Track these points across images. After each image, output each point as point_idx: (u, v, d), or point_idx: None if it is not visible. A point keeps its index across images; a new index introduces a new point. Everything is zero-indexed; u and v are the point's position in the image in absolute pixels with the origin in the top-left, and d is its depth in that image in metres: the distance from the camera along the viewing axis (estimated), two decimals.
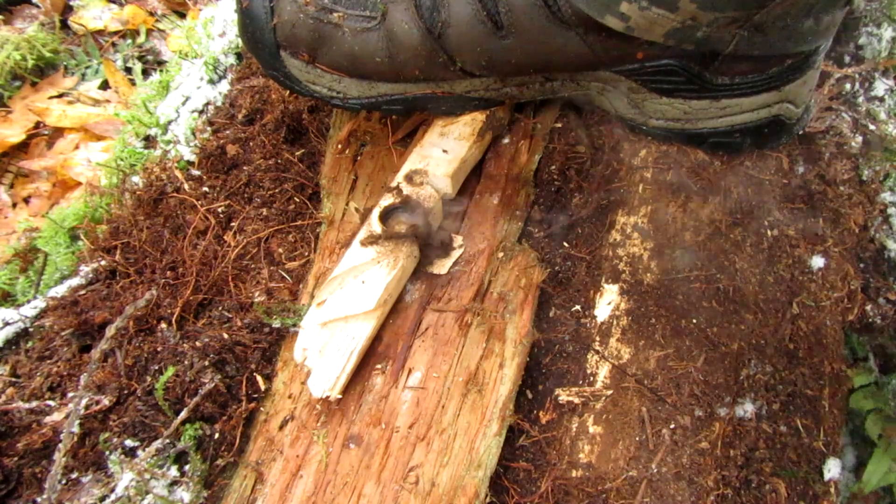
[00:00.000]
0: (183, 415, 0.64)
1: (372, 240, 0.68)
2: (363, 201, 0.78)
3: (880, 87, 0.86)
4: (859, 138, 0.81)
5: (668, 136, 0.75)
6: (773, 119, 0.71)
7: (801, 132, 0.78)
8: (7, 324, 0.74)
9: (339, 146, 0.83)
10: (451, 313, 0.68)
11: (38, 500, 0.64)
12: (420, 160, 0.74)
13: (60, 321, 0.73)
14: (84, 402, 0.65)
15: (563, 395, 0.67)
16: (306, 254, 0.76)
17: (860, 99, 0.85)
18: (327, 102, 0.75)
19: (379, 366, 0.66)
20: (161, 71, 1.02)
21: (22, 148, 1.05)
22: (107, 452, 0.65)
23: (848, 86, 0.86)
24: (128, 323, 0.70)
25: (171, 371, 0.67)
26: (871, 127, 0.82)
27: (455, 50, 0.68)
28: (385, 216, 0.70)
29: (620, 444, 0.64)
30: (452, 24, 0.66)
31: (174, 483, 0.63)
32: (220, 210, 0.79)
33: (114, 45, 1.14)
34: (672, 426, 0.65)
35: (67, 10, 1.16)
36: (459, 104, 0.76)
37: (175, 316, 0.71)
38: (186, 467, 0.64)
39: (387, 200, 0.71)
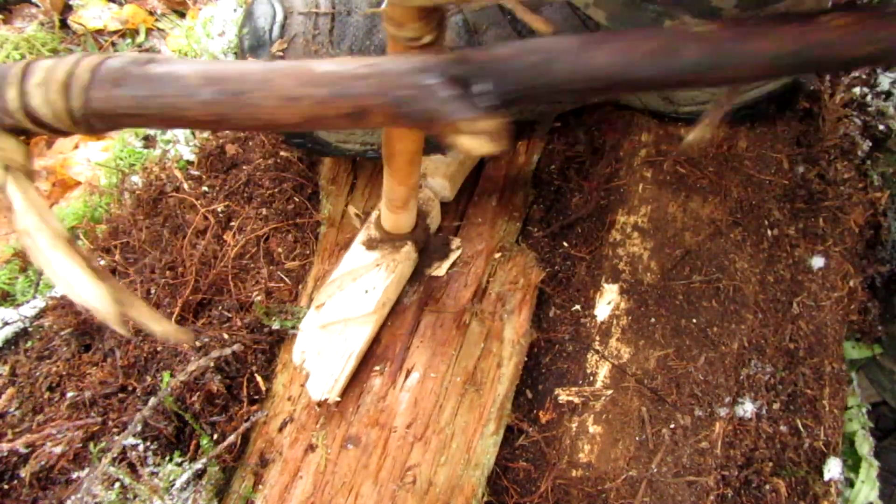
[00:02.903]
0: (185, 415, 0.64)
1: (370, 243, 0.68)
2: (362, 203, 0.78)
3: (885, 81, 0.86)
4: (869, 143, 0.81)
5: (698, 118, 0.77)
6: (793, 83, 0.74)
7: (811, 88, 0.81)
8: (6, 323, 0.74)
9: None
10: (449, 314, 0.68)
11: (39, 500, 0.64)
12: None
13: (60, 321, 0.73)
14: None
15: (563, 395, 0.67)
16: (306, 254, 0.76)
17: (868, 98, 0.85)
18: (360, 156, 0.74)
19: (377, 367, 0.66)
20: None
21: None
22: (107, 453, 0.65)
23: (857, 90, 0.85)
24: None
25: (170, 372, 0.67)
26: (881, 127, 0.82)
27: None
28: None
29: (620, 444, 0.64)
30: None
31: (173, 483, 0.63)
32: (219, 210, 0.79)
33: (113, 44, 1.14)
34: (672, 426, 0.65)
35: (67, 9, 1.16)
36: None
37: (175, 316, 0.71)
38: (186, 467, 0.64)
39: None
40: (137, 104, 0.38)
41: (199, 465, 0.62)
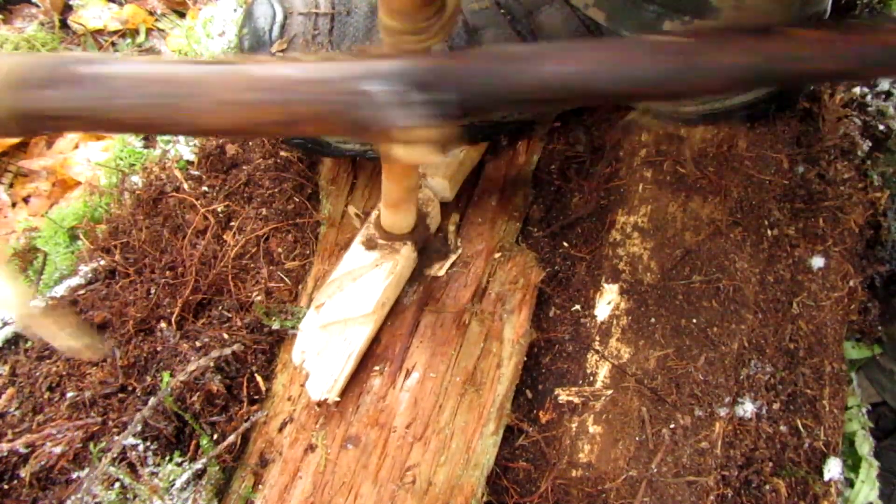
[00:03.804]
0: (185, 415, 0.64)
1: (370, 243, 0.68)
2: (362, 203, 0.78)
3: (885, 81, 0.86)
4: (869, 143, 0.81)
5: (699, 118, 0.76)
6: None
7: (811, 88, 0.80)
8: (6, 324, 0.74)
9: None
10: (448, 314, 0.68)
11: (39, 500, 0.64)
12: None
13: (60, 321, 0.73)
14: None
15: (563, 395, 0.67)
16: (306, 254, 0.76)
17: (868, 98, 0.85)
18: (360, 157, 0.74)
19: (377, 367, 0.66)
20: None
21: (21, 147, 1.05)
22: (107, 453, 0.65)
23: (857, 90, 0.85)
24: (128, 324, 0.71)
25: (170, 372, 0.67)
26: (881, 127, 0.82)
27: None
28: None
29: (620, 444, 0.64)
30: None
31: (173, 483, 0.63)
32: (219, 210, 0.79)
33: (113, 44, 1.14)
34: (672, 426, 0.65)
35: (67, 9, 1.16)
36: (495, 129, 0.76)
37: (175, 316, 0.71)
38: (186, 467, 0.64)
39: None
40: (63, 106, 0.36)
41: (199, 465, 0.62)
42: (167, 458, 0.64)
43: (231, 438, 0.64)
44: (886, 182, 0.81)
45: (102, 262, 0.77)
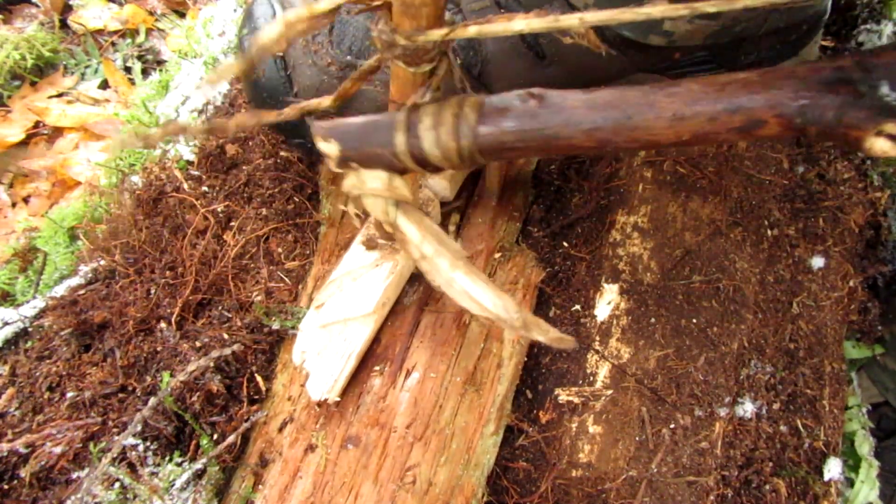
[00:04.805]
0: (185, 415, 0.64)
1: (370, 243, 0.68)
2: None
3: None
4: None
5: None
6: None
7: None
8: (6, 324, 0.74)
9: None
10: (449, 314, 0.68)
11: (39, 500, 0.64)
12: None
13: (60, 321, 0.73)
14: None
15: (563, 395, 0.67)
16: (306, 254, 0.76)
17: None
18: None
19: (377, 367, 0.66)
20: (161, 70, 1.02)
21: (22, 147, 1.05)
22: (107, 453, 0.65)
23: None
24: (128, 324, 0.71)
25: (170, 372, 0.67)
26: None
27: (495, 86, 0.67)
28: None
29: (620, 444, 0.64)
30: (491, 61, 0.65)
31: (173, 483, 0.63)
32: (219, 210, 0.79)
33: (113, 44, 1.14)
34: (672, 426, 0.65)
35: (67, 9, 1.16)
36: None
37: (174, 316, 0.71)
38: (186, 467, 0.64)
39: None
40: (521, 137, 0.41)
41: (199, 465, 0.62)
42: (167, 458, 0.64)
43: (231, 438, 0.64)
44: (886, 182, 0.81)
45: (102, 262, 0.77)
